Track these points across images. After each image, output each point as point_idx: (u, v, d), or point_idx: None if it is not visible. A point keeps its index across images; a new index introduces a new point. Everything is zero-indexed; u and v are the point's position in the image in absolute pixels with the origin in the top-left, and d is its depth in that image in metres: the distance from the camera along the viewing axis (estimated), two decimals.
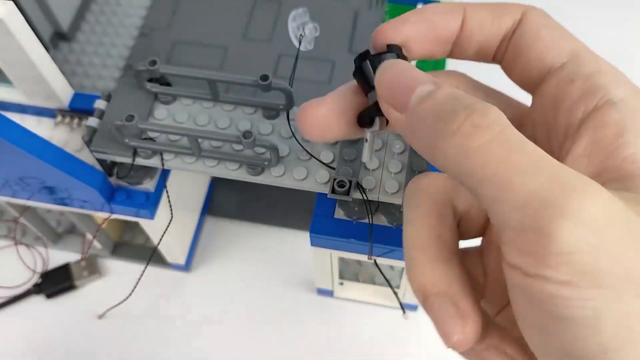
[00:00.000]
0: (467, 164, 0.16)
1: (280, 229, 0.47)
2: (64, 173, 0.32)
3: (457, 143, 0.16)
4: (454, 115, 0.16)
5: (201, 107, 0.34)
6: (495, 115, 0.16)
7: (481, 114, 0.16)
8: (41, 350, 0.43)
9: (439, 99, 0.17)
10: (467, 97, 0.17)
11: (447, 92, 0.17)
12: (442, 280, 0.19)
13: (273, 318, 0.44)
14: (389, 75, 0.19)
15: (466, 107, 0.16)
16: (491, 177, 0.16)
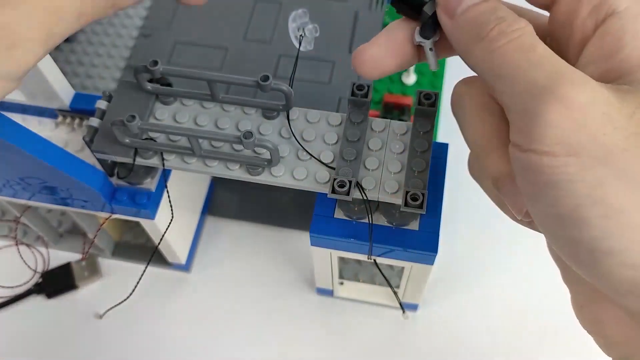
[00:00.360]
0: (489, 62, 0.20)
1: (280, 229, 0.47)
2: (64, 173, 0.32)
3: (485, 46, 0.20)
4: (486, 24, 0.20)
5: (201, 107, 0.34)
6: (521, 25, 0.20)
7: (508, 24, 0.20)
8: (41, 350, 0.43)
9: (480, 9, 0.21)
10: (503, 10, 0.21)
11: (489, 4, 0.21)
12: (504, 163, 0.22)
13: (273, 317, 0.44)
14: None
15: (498, 18, 0.20)
16: (505, 72, 0.20)
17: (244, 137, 0.29)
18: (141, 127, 0.30)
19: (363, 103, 0.33)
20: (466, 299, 0.44)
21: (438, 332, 0.43)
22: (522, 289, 0.44)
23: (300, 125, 0.33)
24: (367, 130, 0.33)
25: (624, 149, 0.18)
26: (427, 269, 0.34)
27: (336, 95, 0.43)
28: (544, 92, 0.18)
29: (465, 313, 0.43)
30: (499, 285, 0.44)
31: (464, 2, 0.22)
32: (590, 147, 0.18)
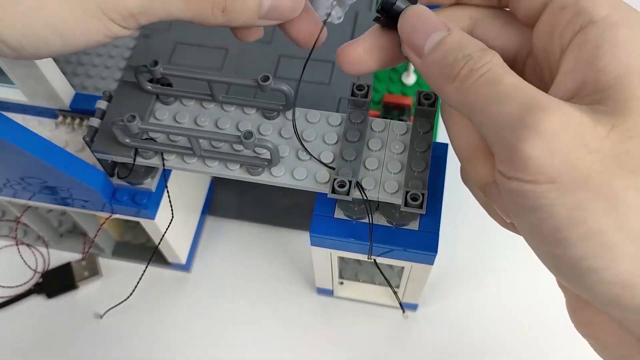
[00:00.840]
0: (462, 100, 0.21)
1: (280, 229, 0.47)
2: (65, 173, 0.32)
3: (456, 85, 0.21)
4: (455, 63, 0.21)
5: (202, 107, 0.34)
6: (487, 58, 0.21)
7: (475, 61, 0.21)
8: (41, 350, 0.43)
9: (447, 47, 0.22)
10: (469, 44, 0.22)
11: (455, 40, 0.22)
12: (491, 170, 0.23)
13: (273, 317, 0.44)
14: (407, 24, 0.23)
15: (465, 56, 0.21)
16: (478, 107, 0.21)
17: (244, 137, 0.29)
18: (141, 127, 0.30)
19: (363, 103, 0.33)
20: (466, 299, 0.44)
21: (438, 331, 0.43)
22: (521, 288, 0.44)
23: (301, 126, 0.33)
24: (367, 130, 0.33)
25: (600, 171, 0.18)
26: (427, 269, 0.34)
27: (336, 95, 0.43)
28: (516, 124, 0.19)
29: (465, 312, 0.44)
30: (499, 284, 0.44)
31: (429, 41, 0.22)
32: (568, 172, 0.18)
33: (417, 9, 0.23)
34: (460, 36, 0.22)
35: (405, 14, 0.23)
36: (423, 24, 0.23)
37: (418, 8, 0.24)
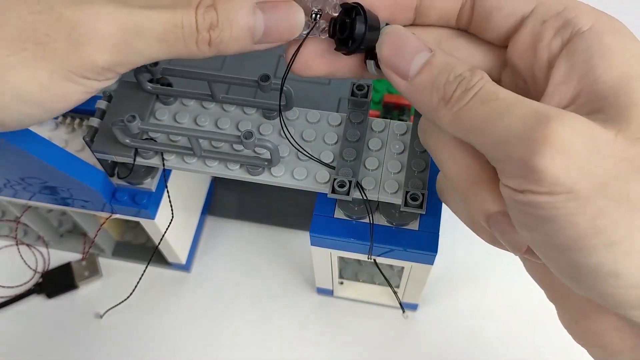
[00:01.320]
0: (458, 122, 0.21)
1: (280, 229, 0.47)
2: (65, 173, 0.32)
3: (450, 107, 0.21)
4: (449, 86, 0.21)
5: (202, 107, 0.34)
6: (479, 76, 0.20)
7: (469, 80, 0.20)
8: (41, 350, 0.43)
9: (435, 69, 0.21)
10: (458, 65, 0.21)
11: (442, 61, 0.21)
12: (496, 200, 0.22)
13: (273, 317, 0.44)
14: (387, 45, 0.22)
15: (457, 76, 0.21)
16: (475, 127, 0.20)
17: (244, 137, 0.29)
18: (141, 127, 0.30)
19: (363, 103, 0.33)
20: (466, 299, 0.44)
21: (438, 331, 0.43)
22: (521, 288, 0.44)
23: (300, 126, 0.33)
24: (367, 130, 0.33)
25: (615, 177, 0.18)
26: (427, 269, 0.34)
27: (336, 95, 0.43)
28: (524, 137, 0.19)
29: (465, 313, 0.44)
30: (499, 284, 0.44)
31: (414, 63, 0.22)
32: (585, 181, 0.18)
33: (395, 29, 0.22)
34: (445, 56, 0.22)
35: (384, 36, 0.22)
36: (404, 46, 0.22)
37: (396, 28, 0.23)
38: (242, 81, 0.32)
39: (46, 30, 0.21)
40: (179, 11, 0.22)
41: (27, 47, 0.21)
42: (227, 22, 0.23)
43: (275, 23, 0.23)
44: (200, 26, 0.22)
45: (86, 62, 0.22)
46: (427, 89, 0.21)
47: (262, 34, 0.23)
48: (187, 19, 0.22)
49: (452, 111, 0.21)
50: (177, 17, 0.22)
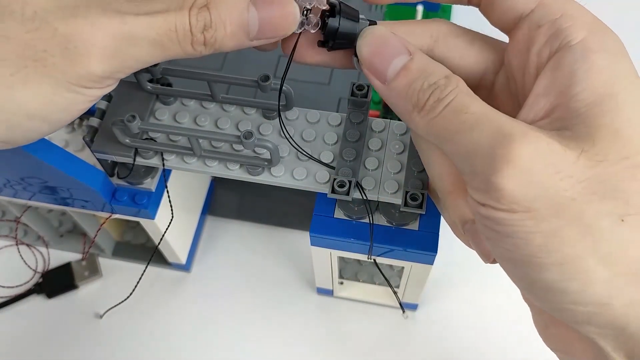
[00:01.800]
0: (430, 129, 0.21)
1: (280, 229, 0.47)
2: (65, 173, 0.32)
3: (423, 115, 0.21)
4: (422, 94, 0.21)
5: (202, 107, 0.34)
6: (453, 85, 0.21)
7: (441, 89, 0.21)
8: (41, 350, 0.43)
9: (411, 74, 0.21)
10: (434, 72, 0.21)
11: (419, 66, 0.21)
12: None
13: (273, 317, 0.44)
14: (366, 47, 0.22)
15: (431, 85, 0.21)
16: (446, 137, 0.21)
17: (244, 137, 0.29)
18: (141, 127, 0.30)
19: (363, 103, 0.33)
20: (466, 299, 0.44)
21: (438, 331, 0.43)
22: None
23: (300, 126, 0.33)
24: (366, 130, 0.33)
25: (572, 198, 0.19)
26: (427, 269, 0.34)
27: (336, 95, 0.43)
28: (487, 155, 0.19)
29: (465, 313, 0.44)
30: (499, 284, 0.44)
31: (391, 67, 0.22)
32: (542, 201, 0.19)
33: (376, 31, 0.23)
34: (424, 61, 0.22)
35: (364, 36, 0.23)
36: (384, 48, 0.22)
37: (377, 30, 0.23)
38: (242, 81, 0.32)
39: (44, 46, 0.21)
40: (172, 15, 0.22)
41: (28, 64, 0.21)
42: (221, 22, 0.22)
43: (270, 19, 0.23)
44: (194, 28, 0.22)
45: (85, 73, 0.22)
46: (402, 94, 0.22)
47: (257, 30, 0.23)
48: (180, 22, 0.22)
49: (425, 119, 0.21)
50: (170, 21, 0.22)
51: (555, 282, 0.19)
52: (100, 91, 0.23)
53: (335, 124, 0.33)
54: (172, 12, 0.22)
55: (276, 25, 0.23)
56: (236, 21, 0.23)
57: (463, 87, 0.21)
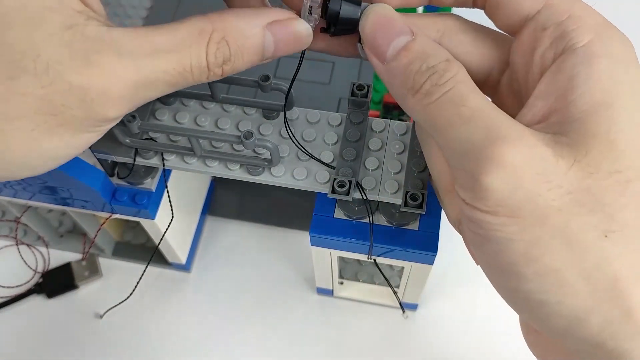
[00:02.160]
0: (425, 115, 0.20)
1: (280, 229, 0.47)
2: (65, 173, 0.32)
3: (420, 99, 0.20)
4: (419, 76, 0.20)
5: (202, 107, 0.34)
6: (452, 72, 0.20)
7: (440, 75, 0.20)
8: (41, 350, 0.43)
9: (410, 55, 0.21)
10: (434, 54, 0.21)
11: (419, 47, 0.21)
12: None
13: (273, 317, 0.44)
14: (370, 24, 0.22)
15: (429, 68, 0.20)
16: (440, 127, 0.20)
17: (244, 137, 0.29)
18: (141, 127, 0.30)
19: (363, 103, 0.33)
20: (466, 299, 0.44)
21: (438, 331, 0.43)
22: None
23: (301, 126, 0.33)
24: (367, 130, 0.33)
25: (559, 209, 0.18)
26: (427, 269, 0.34)
27: (336, 95, 0.43)
28: (478, 153, 0.19)
29: (465, 312, 0.44)
30: None
31: (392, 46, 0.21)
32: (528, 208, 0.18)
33: (380, 9, 0.22)
34: (425, 43, 0.21)
35: (368, 14, 0.22)
36: (386, 27, 0.22)
37: (381, 8, 0.22)
38: (242, 81, 0.32)
39: (61, 100, 0.21)
40: (187, 54, 0.21)
41: (48, 119, 0.21)
42: (239, 54, 0.22)
43: (285, 42, 0.23)
44: (211, 65, 0.22)
45: (103, 118, 0.22)
46: (399, 74, 0.21)
47: (273, 51, 0.23)
48: (196, 61, 0.22)
49: (420, 104, 0.20)
50: (186, 61, 0.21)
51: (534, 293, 0.19)
52: (113, 123, 0.24)
53: (335, 124, 0.33)
54: (187, 51, 0.21)
55: (291, 45, 0.23)
56: (253, 49, 0.22)
57: (463, 75, 0.20)
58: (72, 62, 0.20)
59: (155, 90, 0.22)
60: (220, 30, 0.22)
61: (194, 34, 0.21)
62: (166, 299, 0.45)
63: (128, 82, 0.21)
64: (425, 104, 0.20)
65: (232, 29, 0.22)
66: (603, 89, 0.19)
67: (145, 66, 0.21)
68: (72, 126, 0.22)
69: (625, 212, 0.19)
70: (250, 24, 0.22)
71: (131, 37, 0.21)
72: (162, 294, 0.45)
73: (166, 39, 0.21)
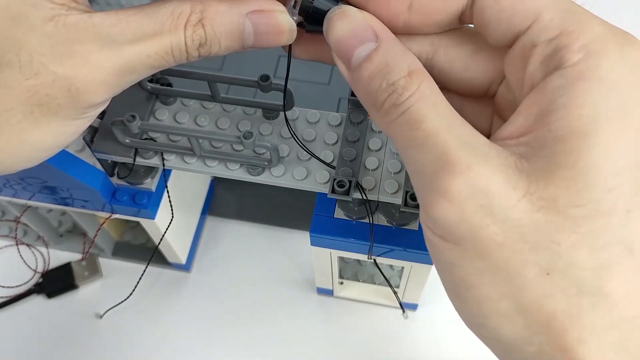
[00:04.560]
0: (388, 133, 0.20)
1: (280, 229, 0.47)
2: (64, 173, 0.32)
3: (381, 117, 0.20)
4: (381, 94, 0.20)
5: (202, 107, 0.34)
6: (413, 89, 0.19)
7: (399, 93, 0.19)
8: (42, 350, 0.43)
9: (372, 68, 0.20)
10: (396, 68, 0.20)
11: (381, 59, 0.20)
12: None
13: (273, 317, 0.44)
14: (332, 30, 0.21)
15: (389, 85, 0.20)
16: (398, 147, 0.20)
17: (244, 137, 0.29)
18: (141, 127, 0.30)
19: None
20: None
21: (437, 331, 0.43)
22: None
23: (301, 126, 0.33)
24: (367, 130, 0.33)
25: (501, 244, 0.18)
26: (427, 269, 0.34)
27: (336, 95, 0.43)
28: (428, 182, 0.19)
29: None
30: None
31: (355, 55, 0.20)
32: (470, 240, 0.18)
33: (342, 13, 0.21)
34: (388, 51, 0.20)
35: (330, 19, 0.21)
36: (350, 33, 0.21)
37: (344, 11, 0.21)
38: (242, 81, 0.32)
39: (46, 91, 0.21)
40: (167, 36, 0.22)
41: (34, 109, 0.21)
42: (216, 38, 0.22)
43: (265, 31, 0.22)
44: (189, 48, 0.22)
45: (88, 105, 0.22)
46: (362, 89, 0.21)
47: (253, 41, 0.23)
48: (175, 43, 0.22)
49: (382, 121, 0.20)
50: (166, 44, 0.22)
51: (473, 316, 0.20)
52: (101, 108, 0.24)
53: (335, 124, 0.33)
54: (167, 34, 0.22)
55: (271, 36, 0.23)
56: (231, 35, 0.22)
57: (424, 89, 0.19)
58: (55, 52, 0.21)
59: (138, 73, 0.22)
60: (199, 13, 0.22)
61: (174, 16, 0.22)
62: (166, 299, 0.45)
63: (111, 69, 0.22)
64: (386, 122, 0.20)
65: (210, 13, 0.22)
66: (581, 117, 0.18)
67: (127, 52, 0.21)
68: (59, 115, 0.22)
69: (574, 251, 0.18)
70: (231, 9, 0.22)
71: (112, 22, 0.21)
72: (162, 294, 0.45)
73: (147, 23, 0.22)
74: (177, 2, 0.22)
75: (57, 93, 0.21)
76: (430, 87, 0.20)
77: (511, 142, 0.19)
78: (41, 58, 0.21)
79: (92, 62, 0.21)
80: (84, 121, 0.24)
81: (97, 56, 0.21)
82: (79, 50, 0.21)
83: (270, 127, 0.33)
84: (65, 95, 0.21)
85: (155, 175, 0.36)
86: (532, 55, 0.19)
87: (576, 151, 0.18)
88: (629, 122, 0.18)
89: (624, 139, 0.18)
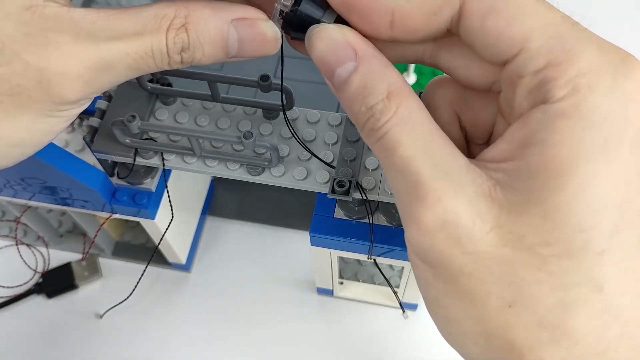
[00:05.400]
0: (374, 152, 0.20)
1: (280, 229, 0.47)
2: (65, 173, 0.32)
3: (364, 137, 0.20)
4: (361, 117, 0.20)
5: (202, 107, 0.34)
6: (388, 116, 0.19)
7: (377, 118, 0.19)
8: (41, 350, 0.43)
9: (352, 89, 0.20)
10: (374, 91, 0.20)
11: (360, 82, 0.20)
12: None
13: (273, 317, 0.44)
14: (313, 49, 0.21)
15: (368, 109, 0.20)
16: (382, 166, 0.20)
17: (244, 137, 0.29)
18: (141, 127, 0.30)
19: None
20: None
21: (437, 331, 0.43)
22: None
23: (301, 126, 0.33)
24: None
25: (469, 274, 0.19)
26: None
27: None
28: (403, 209, 0.20)
29: None
30: None
31: (336, 76, 0.20)
32: (439, 266, 0.19)
33: (320, 32, 0.21)
34: (367, 72, 0.20)
35: (309, 38, 0.21)
36: (329, 53, 0.20)
37: (322, 31, 0.21)
38: (242, 81, 0.32)
39: (17, 80, 0.20)
40: (148, 37, 0.21)
41: (3, 99, 0.21)
42: (199, 44, 0.22)
43: (250, 41, 0.22)
44: (170, 51, 0.22)
45: (61, 100, 0.22)
46: (346, 108, 0.21)
47: (237, 50, 0.22)
48: (157, 45, 0.21)
49: (366, 141, 0.21)
50: (147, 45, 0.21)
51: (444, 332, 0.21)
52: (78, 110, 0.23)
53: (335, 124, 0.33)
54: (148, 35, 0.21)
55: (256, 47, 0.22)
56: (215, 43, 0.22)
57: (402, 111, 0.19)
58: (29, 41, 0.20)
59: (116, 73, 0.22)
60: (182, 17, 0.21)
61: (157, 18, 0.21)
62: (166, 299, 0.45)
63: (86, 63, 0.21)
64: (368, 143, 0.20)
65: (195, 18, 0.21)
66: (557, 155, 0.17)
67: (105, 47, 0.21)
68: (31, 109, 0.21)
69: (537, 287, 0.18)
70: (215, 16, 0.22)
71: (92, 19, 0.21)
72: (162, 294, 0.45)
73: (128, 22, 0.21)
74: (161, 5, 0.21)
75: (28, 84, 0.21)
76: (409, 108, 0.19)
77: (492, 165, 0.19)
78: (14, 45, 0.20)
79: (66, 53, 0.20)
80: (60, 120, 0.23)
81: (72, 47, 0.20)
82: (54, 40, 0.20)
83: (270, 127, 0.33)
84: (36, 86, 0.21)
85: (155, 175, 0.36)
86: (519, 85, 0.19)
87: (548, 190, 0.18)
88: (612, 161, 0.17)
89: (606, 178, 0.17)
